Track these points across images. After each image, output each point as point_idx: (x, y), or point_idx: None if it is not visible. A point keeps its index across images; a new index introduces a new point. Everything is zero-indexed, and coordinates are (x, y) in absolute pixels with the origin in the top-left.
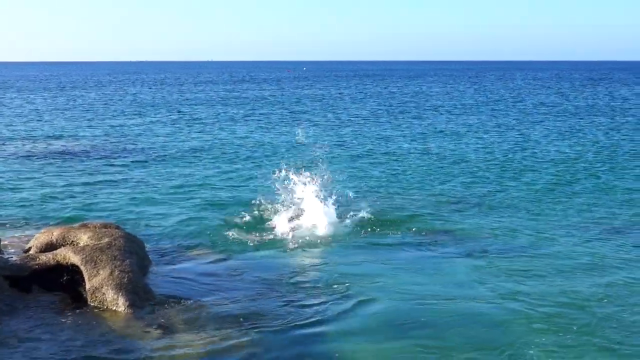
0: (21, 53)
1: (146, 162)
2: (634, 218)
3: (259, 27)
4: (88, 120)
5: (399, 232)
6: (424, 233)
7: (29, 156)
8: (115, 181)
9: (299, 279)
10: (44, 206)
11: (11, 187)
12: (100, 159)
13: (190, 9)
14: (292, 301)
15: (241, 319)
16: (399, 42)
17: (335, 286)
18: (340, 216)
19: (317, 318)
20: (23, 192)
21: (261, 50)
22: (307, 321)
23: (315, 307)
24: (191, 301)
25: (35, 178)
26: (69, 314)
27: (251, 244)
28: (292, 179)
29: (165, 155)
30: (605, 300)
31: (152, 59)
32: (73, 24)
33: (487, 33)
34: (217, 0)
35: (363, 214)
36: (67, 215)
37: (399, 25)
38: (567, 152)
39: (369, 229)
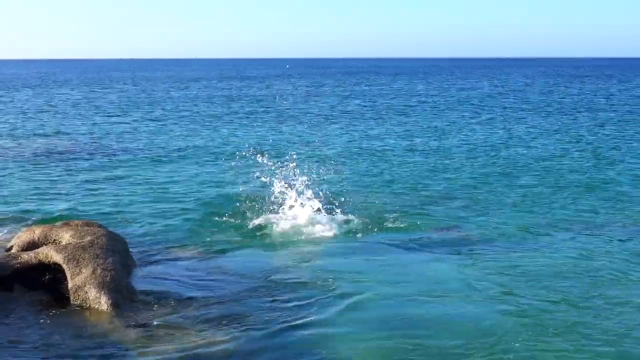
0: (12, 52)
1: (130, 160)
2: (618, 213)
3: (241, 25)
4: (73, 118)
5: (385, 230)
6: (410, 231)
7: (12, 154)
8: (99, 179)
9: (285, 277)
10: (26, 204)
11: None
12: (83, 157)
13: (174, 7)
14: (279, 300)
15: (227, 319)
16: (386, 40)
17: (322, 285)
18: (327, 214)
19: (303, 317)
20: (4, 190)
21: (242, 49)
22: (293, 320)
23: (302, 306)
24: (175, 300)
25: (17, 176)
26: (51, 313)
27: (237, 243)
28: (263, 161)
29: (150, 154)
30: (593, 296)
31: (140, 57)
32: (62, 21)
33: (477, 32)
34: None
35: (349, 212)
36: (50, 213)
37: (387, 23)
38: (551, 149)
39: (356, 227)
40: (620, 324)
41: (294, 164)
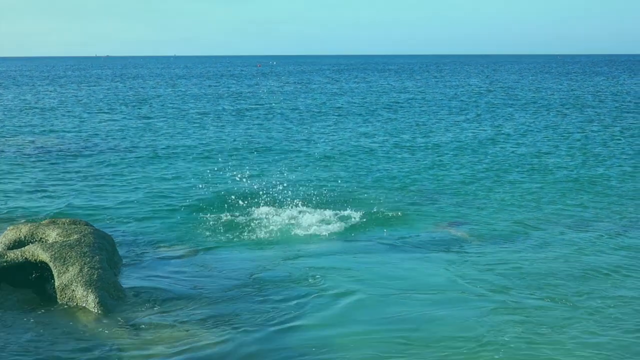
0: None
1: (119, 158)
2: (606, 209)
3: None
4: (61, 115)
5: (374, 227)
6: (400, 228)
7: None
8: (87, 177)
9: (275, 275)
10: (12, 202)
11: None
12: (71, 155)
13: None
14: (269, 298)
15: (216, 318)
16: (373, 37)
17: (311, 281)
18: (316, 212)
19: (294, 315)
20: None
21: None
22: (283, 318)
23: (292, 304)
24: (164, 299)
25: (3, 174)
26: (38, 312)
27: (226, 241)
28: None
29: (139, 152)
30: (584, 292)
31: (119, 54)
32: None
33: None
34: None
35: (339, 210)
36: (36, 211)
37: (374, 19)
38: (540, 145)
39: (346, 225)
40: (611, 318)
41: (285, 184)
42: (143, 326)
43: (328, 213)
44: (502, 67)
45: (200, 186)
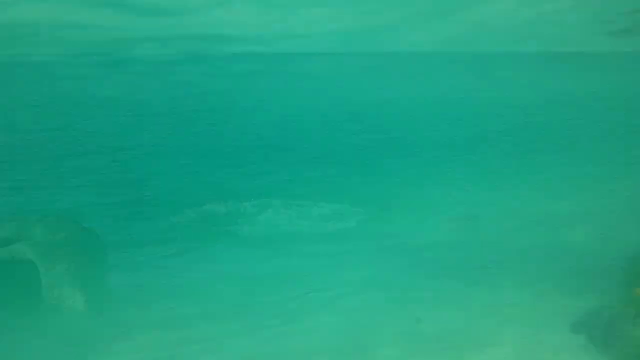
0: None
1: (108, 157)
2: (594, 206)
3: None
4: (52, 113)
5: (366, 224)
6: (392, 224)
7: None
8: (75, 176)
9: (265, 273)
10: (0, 199)
11: None
12: (60, 153)
13: None
14: (259, 297)
15: (206, 316)
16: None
17: (301, 280)
18: (307, 209)
19: (285, 313)
20: None
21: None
22: (274, 317)
23: (283, 303)
24: (152, 298)
25: None
26: (25, 312)
27: (217, 239)
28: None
29: (129, 151)
30: (574, 288)
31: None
32: None
33: None
34: None
35: (327, 206)
36: (23, 209)
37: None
38: (527, 142)
39: (337, 222)
40: (601, 317)
41: (276, 182)
42: (132, 325)
43: (320, 211)
44: (493, 65)
45: (192, 185)
